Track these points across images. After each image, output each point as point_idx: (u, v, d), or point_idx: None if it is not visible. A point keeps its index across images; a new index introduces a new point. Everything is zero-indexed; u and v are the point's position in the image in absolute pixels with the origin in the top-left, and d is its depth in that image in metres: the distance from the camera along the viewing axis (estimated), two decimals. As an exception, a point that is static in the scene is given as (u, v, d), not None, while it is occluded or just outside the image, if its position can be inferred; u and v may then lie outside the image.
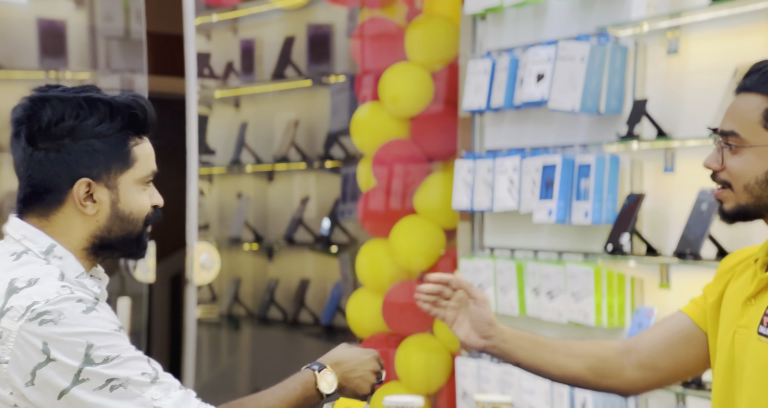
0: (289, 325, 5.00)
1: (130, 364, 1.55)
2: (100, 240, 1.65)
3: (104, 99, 1.63)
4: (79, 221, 1.63)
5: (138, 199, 1.66)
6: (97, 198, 1.63)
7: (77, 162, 1.61)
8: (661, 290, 3.11)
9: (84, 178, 1.62)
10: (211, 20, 5.29)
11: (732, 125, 1.65)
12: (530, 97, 3.40)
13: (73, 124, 1.61)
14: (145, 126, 1.66)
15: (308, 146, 5.01)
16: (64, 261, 1.63)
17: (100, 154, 1.62)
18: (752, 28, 2.82)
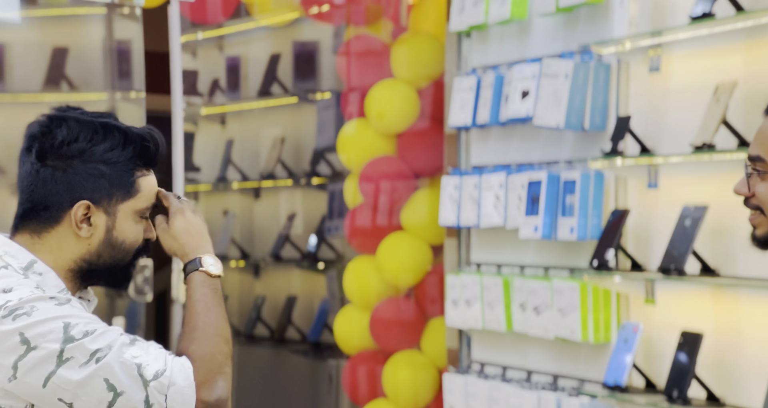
0: (276, 342, 5.01)
1: (107, 334, 1.56)
2: (88, 264, 1.65)
3: (120, 127, 1.66)
4: (72, 242, 1.64)
5: (133, 229, 1.66)
6: (94, 222, 1.64)
7: (81, 184, 1.63)
8: (646, 306, 3.14)
9: (84, 201, 1.63)
10: (197, 38, 5.31)
11: (758, 150, 1.59)
12: (515, 113, 3.44)
13: (85, 146, 1.63)
14: (154, 159, 1.68)
15: (295, 163, 5.03)
16: (43, 277, 1.64)
17: (105, 179, 1.64)
18: (732, 47, 2.87)
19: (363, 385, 4.09)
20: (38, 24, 4.37)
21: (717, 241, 2.92)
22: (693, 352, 2.85)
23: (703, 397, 2.86)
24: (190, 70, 5.32)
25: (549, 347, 3.47)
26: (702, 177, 2.98)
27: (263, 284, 5.25)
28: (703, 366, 2.90)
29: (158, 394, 1.53)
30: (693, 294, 3.00)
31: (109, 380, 1.52)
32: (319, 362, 4.74)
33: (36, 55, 4.30)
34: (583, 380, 3.33)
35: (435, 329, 4.00)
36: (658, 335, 3.10)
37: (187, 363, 1.57)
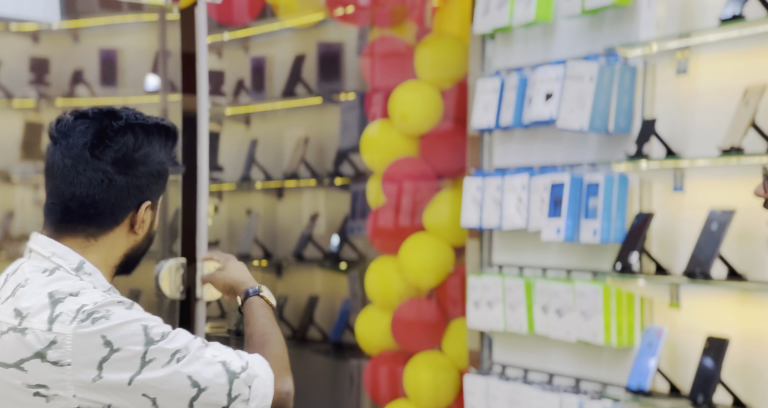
0: (298, 342, 4.97)
1: (181, 336, 1.60)
2: (128, 258, 1.69)
3: (169, 127, 1.69)
4: (123, 240, 1.67)
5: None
6: (145, 219, 1.68)
7: (147, 187, 1.67)
8: (671, 310, 3.08)
9: (148, 201, 1.67)
10: (223, 39, 5.29)
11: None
12: (539, 115, 3.38)
13: (150, 150, 1.67)
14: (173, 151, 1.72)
15: (318, 163, 4.99)
16: (93, 277, 1.65)
17: (162, 178, 1.68)
18: (762, 50, 2.80)
19: (384, 385, 4.05)
20: (90, 31, 4.39)
21: (744, 246, 2.85)
22: (719, 357, 2.78)
23: (729, 402, 2.79)
24: (216, 70, 5.29)
25: (571, 350, 3.40)
26: (729, 181, 2.91)
27: (285, 284, 5.21)
28: (728, 371, 2.83)
29: (244, 386, 1.60)
30: (719, 299, 2.93)
31: (192, 377, 1.58)
32: (341, 362, 4.70)
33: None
34: (605, 384, 3.27)
35: (456, 330, 3.95)
36: (682, 340, 3.03)
37: (263, 359, 1.66)
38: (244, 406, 1.60)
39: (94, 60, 4.51)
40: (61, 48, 5.02)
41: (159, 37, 4.15)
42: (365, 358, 4.21)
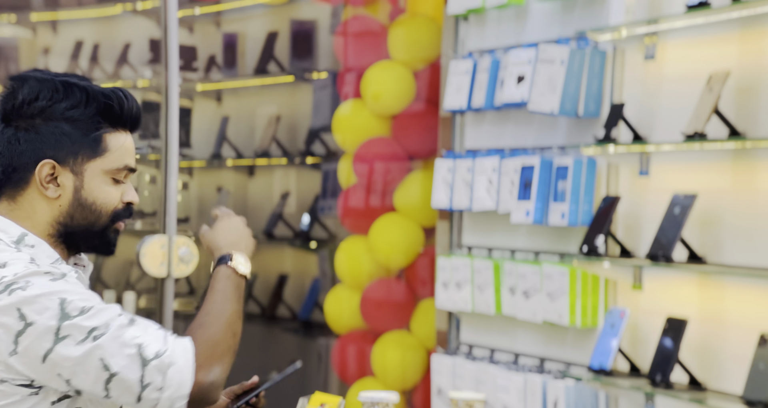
0: (267, 320, 5.08)
1: (105, 312, 1.56)
2: (64, 227, 1.65)
3: (80, 85, 1.64)
4: (44, 205, 1.64)
5: (104, 189, 1.65)
6: (61, 182, 1.64)
7: (45, 143, 1.63)
8: (633, 291, 3.21)
9: (48, 160, 1.63)
10: (194, 13, 5.34)
11: None
12: (510, 98, 3.49)
13: (46, 104, 1.62)
14: (121, 118, 1.65)
15: (289, 142, 5.08)
16: (36, 249, 1.64)
17: (67, 137, 1.63)
18: (726, 37, 2.93)
19: (352, 364, 4.16)
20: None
21: (705, 230, 2.98)
22: (677, 338, 2.92)
23: (686, 381, 2.93)
24: (187, 45, 5.35)
25: (537, 331, 3.53)
26: (692, 166, 3.04)
27: (255, 262, 5.25)
28: (686, 351, 2.97)
29: (156, 373, 1.55)
30: (680, 281, 3.06)
31: (104, 360, 1.54)
32: (309, 341, 4.80)
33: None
34: (569, 363, 3.40)
35: (425, 311, 4.06)
36: (644, 320, 3.17)
37: (190, 345, 1.58)
38: (158, 394, 1.55)
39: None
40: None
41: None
42: (334, 336, 4.32)
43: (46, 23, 5.88)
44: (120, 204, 1.68)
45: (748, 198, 2.85)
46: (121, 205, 1.68)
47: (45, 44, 5.91)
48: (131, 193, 1.69)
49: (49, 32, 5.90)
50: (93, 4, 5.75)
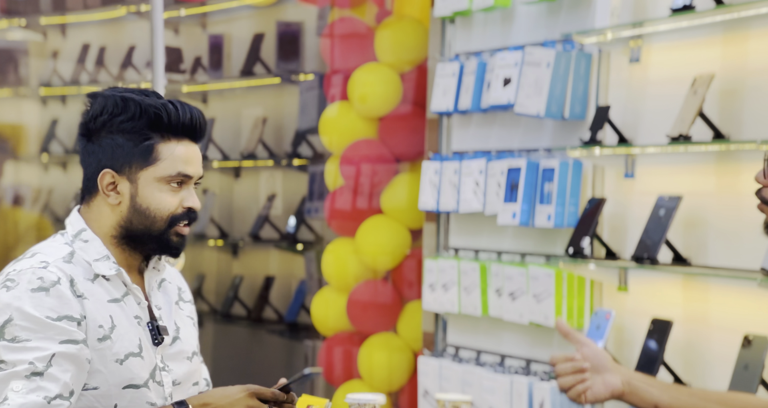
0: (253, 322, 5.11)
1: (25, 353, 1.70)
2: (125, 230, 1.82)
3: (136, 99, 1.81)
4: (108, 210, 1.83)
5: (157, 196, 1.81)
6: (120, 190, 1.82)
7: (104, 153, 1.82)
8: (619, 293, 3.26)
9: (107, 169, 1.82)
10: (180, 15, 5.38)
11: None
12: (497, 100, 3.54)
13: (107, 118, 1.81)
14: (170, 128, 1.81)
15: (276, 144, 5.11)
16: (89, 244, 1.82)
17: (121, 148, 1.81)
18: (710, 41, 2.98)
19: (338, 366, 4.20)
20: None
21: (689, 232, 3.03)
22: (662, 339, 2.97)
23: (670, 382, 2.98)
24: (173, 47, 5.38)
25: (523, 332, 3.58)
26: (677, 168, 3.09)
27: (241, 264, 5.34)
28: (671, 352, 3.02)
29: None
30: (664, 282, 3.12)
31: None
32: (295, 343, 4.84)
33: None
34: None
35: (411, 312, 4.10)
36: (629, 322, 3.22)
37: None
38: None
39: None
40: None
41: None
42: (320, 338, 4.36)
43: (55, 27, 5.95)
44: (180, 209, 1.83)
45: (731, 200, 2.90)
46: (180, 210, 1.83)
47: (54, 47, 5.97)
48: (191, 199, 1.84)
49: (58, 35, 5.96)
50: (98, 6, 5.82)
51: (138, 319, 1.84)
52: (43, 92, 6.07)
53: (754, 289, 2.77)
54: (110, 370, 1.77)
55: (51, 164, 6.13)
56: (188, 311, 1.95)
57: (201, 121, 1.85)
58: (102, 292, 1.80)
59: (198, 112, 1.86)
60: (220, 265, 5.37)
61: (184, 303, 1.96)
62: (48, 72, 6.04)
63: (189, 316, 1.95)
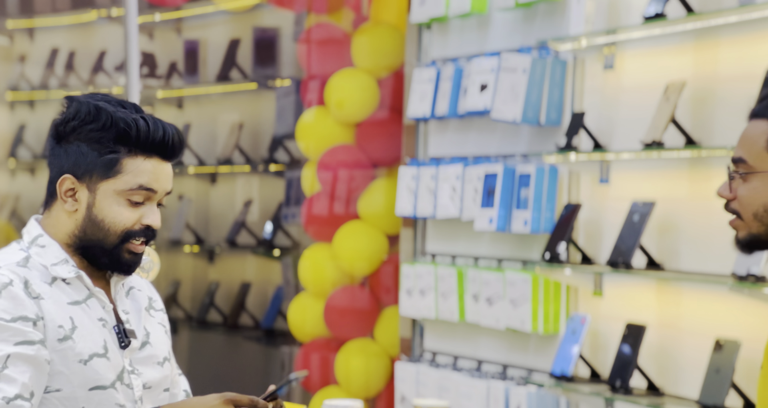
0: (229, 329, 5.16)
1: None
2: (79, 240, 1.82)
3: (108, 110, 1.81)
4: (65, 217, 1.83)
5: (114, 209, 1.80)
6: (78, 197, 1.82)
7: (68, 159, 1.81)
8: (594, 298, 3.35)
9: (68, 175, 1.81)
10: (154, 19, 5.42)
11: (741, 152, 1.62)
12: (473, 106, 3.61)
13: (77, 124, 1.81)
14: (138, 144, 1.79)
15: (252, 149, 5.17)
16: (46, 249, 1.82)
17: (85, 156, 1.80)
18: (682, 48, 3.07)
19: (315, 372, 4.25)
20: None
21: (663, 237, 3.12)
22: (636, 344, 3.06)
23: (644, 386, 3.07)
24: (147, 52, 5.43)
25: (500, 337, 3.66)
26: (651, 174, 3.18)
27: (217, 270, 5.39)
28: (645, 357, 3.11)
29: None
30: (639, 287, 3.20)
31: None
32: (272, 349, 4.89)
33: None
34: (531, 370, 3.53)
35: (389, 318, 4.17)
36: (604, 327, 3.30)
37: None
38: None
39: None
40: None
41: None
42: (297, 345, 4.42)
43: (22, 30, 5.95)
44: (137, 225, 1.80)
45: (703, 205, 2.99)
46: (138, 227, 1.80)
47: (22, 51, 5.99)
48: (152, 216, 1.81)
49: (26, 39, 5.98)
50: (68, 10, 5.83)
51: (103, 322, 1.83)
52: (10, 97, 6.10)
53: (725, 294, 2.86)
54: (73, 370, 1.77)
55: (18, 170, 6.15)
56: (159, 319, 1.94)
57: (174, 141, 1.81)
58: (61, 294, 1.80)
59: (173, 131, 1.82)
60: (195, 271, 5.41)
61: (155, 311, 1.94)
62: (15, 76, 6.06)
63: (161, 323, 1.94)
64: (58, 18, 5.91)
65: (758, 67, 2.80)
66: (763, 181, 1.60)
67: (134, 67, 4.19)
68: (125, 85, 4.08)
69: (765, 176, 1.60)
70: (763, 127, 1.60)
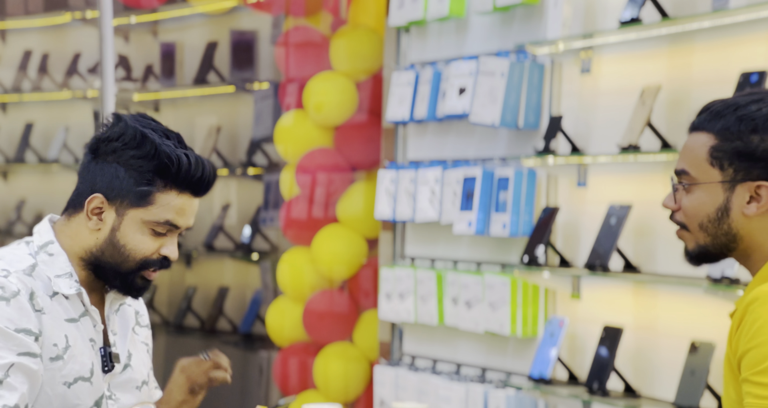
0: (206, 333, 5.20)
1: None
2: (95, 258, 1.85)
3: (154, 140, 1.83)
4: (86, 232, 1.85)
5: (138, 237, 1.83)
6: (104, 217, 1.84)
7: (103, 178, 1.84)
8: (572, 301, 3.42)
9: (98, 194, 1.84)
10: (130, 22, 5.46)
11: (683, 164, 1.69)
12: (452, 110, 3.68)
13: (119, 147, 1.84)
14: (176, 181, 1.83)
15: (230, 152, 5.22)
16: (54, 258, 1.84)
17: (120, 181, 1.83)
18: (657, 52, 3.15)
19: (294, 376, 4.30)
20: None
21: (639, 240, 3.20)
22: (613, 346, 3.13)
23: (621, 388, 3.15)
24: (123, 54, 5.47)
25: (479, 341, 3.72)
26: (627, 177, 3.26)
27: (195, 274, 5.42)
28: (622, 359, 3.18)
29: None
30: (616, 290, 3.28)
31: None
32: (250, 354, 4.94)
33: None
34: (510, 373, 3.60)
35: (368, 322, 4.23)
36: (582, 329, 3.38)
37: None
38: None
39: None
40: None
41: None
42: (275, 349, 4.46)
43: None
44: (156, 255, 1.84)
45: (679, 209, 3.06)
46: (156, 256, 1.84)
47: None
48: (171, 248, 1.85)
49: (-2, 41, 5.98)
50: (41, 12, 5.84)
51: (92, 342, 1.85)
52: (-18, 100, 6.11)
53: (701, 296, 2.94)
54: (56, 393, 1.79)
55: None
56: (143, 336, 1.97)
57: (210, 179, 1.85)
58: (60, 310, 1.82)
59: (211, 169, 1.86)
60: (172, 275, 5.45)
61: (140, 328, 1.97)
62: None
63: (144, 341, 1.96)
64: (31, 20, 5.92)
65: (732, 71, 2.88)
66: (706, 192, 1.66)
67: (109, 69, 4.23)
68: (100, 88, 4.12)
69: (708, 187, 1.65)
70: (704, 139, 1.67)
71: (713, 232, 1.66)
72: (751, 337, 1.56)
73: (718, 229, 1.66)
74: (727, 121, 1.65)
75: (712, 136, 1.66)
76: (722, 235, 1.66)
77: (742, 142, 1.64)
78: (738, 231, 1.65)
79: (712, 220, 1.66)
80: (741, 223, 1.65)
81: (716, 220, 1.66)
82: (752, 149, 1.63)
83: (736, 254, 1.68)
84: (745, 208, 1.64)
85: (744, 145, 1.63)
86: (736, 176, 1.64)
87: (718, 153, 1.65)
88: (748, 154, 1.63)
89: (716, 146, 1.65)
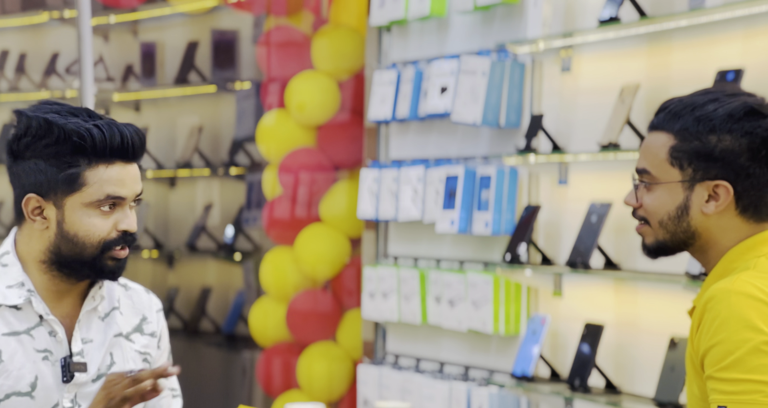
0: (189, 334, 5.25)
1: None
2: (54, 256, 1.80)
3: (58, 122, 1.76)
4: (36, 235, 1.81)
5: (86, 221, 1.78)
6: (47, 215, 1.80)
7: (27, 178, 1.79)
8: (554, 298, 3.49)
9: (31, 194, 1.79)
10: (109, 22, 5.50)
11: (644, 163, 1.74)
12: (434, 109, 3.75)
13: (30, 141, 1.78)
14: (96, 153, 1.76)
15: (212, 152, 5.27)
16: (7, 268, 1.82)
17: (45, 174, 1.77)
18: (636, 51, 3.23)
19: (277, 376, 4.36)
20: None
21: (619, 237, 3.28)
22: (594, 343, 3.21)
23: (603, 385, 3.23)
24: (102, 54, 5.51)
25: (461, 339, 3.79)
26: (607, 175, 3.34)
27: (177, 275, 5.47)
28: (603, 356, 3.26)
29: None
30: (597, 287, 3.36)
31: None
32: (233, 354, 4.99)
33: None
34: (493, 371, 3.67)
35: (351, 321, 4.29)
36: (564, 327, 3.45)
37: None
38: None
39: None
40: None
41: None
42: (258, 349, 4.52)
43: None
44: (113, 233, 1.79)
45: (658, 206, 3.14)
46: (114, 234, 1.79)
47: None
48: (126, 221, 1.79)
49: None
50: (18, 12, 5.86)
51: (46, 353, 1.79)
52: (-44, 100, 6.14)
53: (680, 292, 3.02)
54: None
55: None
56: (141, 345, 1.89)
57: (134, 142, 1.77)
58: (1, 323, 1.78)
59: (132, 131, 1.78)
60: (155, 276, 5.49)
61: (142, 335, 1.90)
62: (-36, 79, 6.09)
63: (139, 350, 1.89)
64: (8, 19, 5.95)
65: (709, 69, 2.96)
66: (666, 190, 1.72)
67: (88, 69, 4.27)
68: (79, 88, 4.17)
69: (668, 186, 1.71)
70: (663, 139, 1.72)
71: (673, 229, 1.72)
72: (712, 334, 1.62)
73: (677, 226, 1.72)
74: (685, 121, 1.71)
75: (671, 137, 1.72)
76: (681, 232, 1.72)
77: (701, 143, 1.70)
78: (696, 228, 1.71)
79: (672, 218, 1.72)
80: (699, 220, 1.71)
81: (676, 218, 1.72)
82: (710, 149, 1.69)
83: (693, 249, 1.75)
84: (704, 207, 1.70)
85: (702, 145, 1.70)
86: (695, 176, 1.70)
87: (678, 153, 1.71)
88: (706, 155, 1.70)
89: (675, 146, 1.71)
